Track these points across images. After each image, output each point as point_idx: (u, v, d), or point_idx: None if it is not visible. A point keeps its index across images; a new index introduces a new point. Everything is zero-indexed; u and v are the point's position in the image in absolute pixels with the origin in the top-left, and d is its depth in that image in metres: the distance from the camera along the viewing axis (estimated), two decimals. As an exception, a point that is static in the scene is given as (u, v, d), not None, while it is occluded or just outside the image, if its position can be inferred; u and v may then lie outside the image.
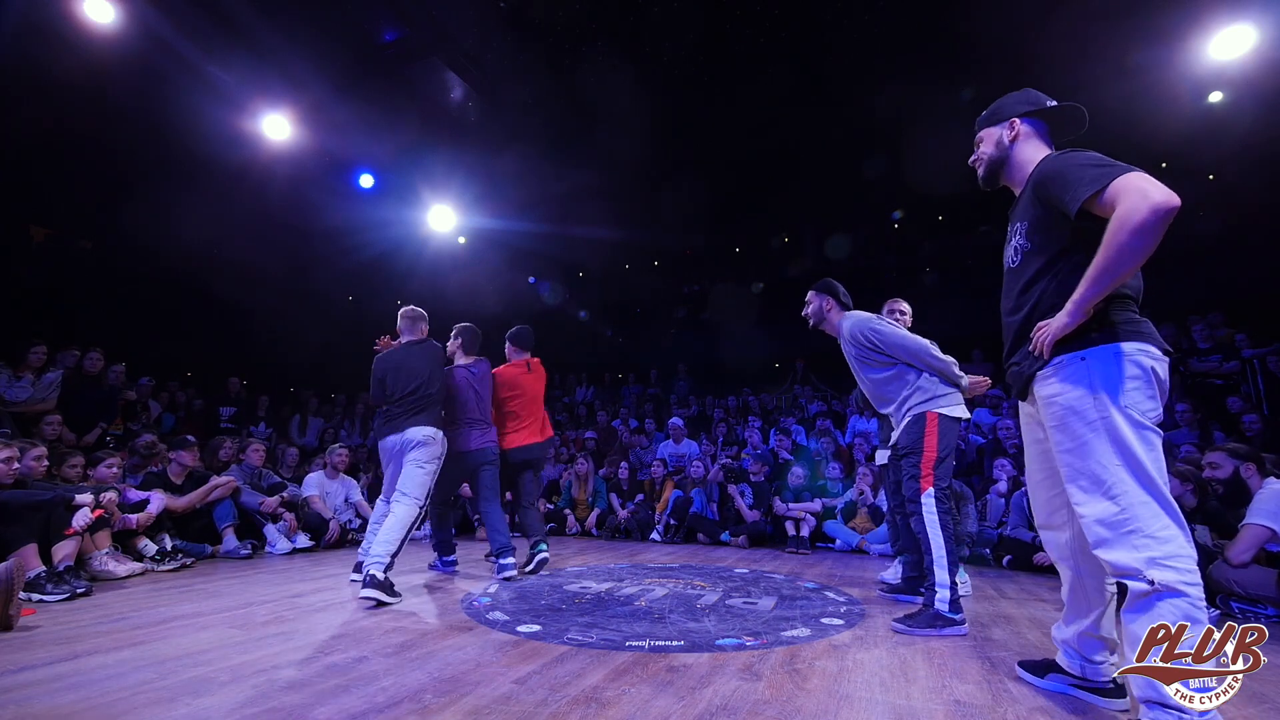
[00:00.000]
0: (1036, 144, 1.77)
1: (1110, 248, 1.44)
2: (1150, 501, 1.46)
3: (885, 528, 5.18)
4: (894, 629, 2.59)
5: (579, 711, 1.66)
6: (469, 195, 8.79)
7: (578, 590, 3.37)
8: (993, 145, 1.82)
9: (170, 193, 7.49)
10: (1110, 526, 1.49)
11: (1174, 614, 1.40)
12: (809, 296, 3.14)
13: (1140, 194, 1.41)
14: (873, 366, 2.94)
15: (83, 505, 3.37)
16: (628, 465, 6.66)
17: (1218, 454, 3.35)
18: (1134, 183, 1.43)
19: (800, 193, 10.66)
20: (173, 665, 2.02)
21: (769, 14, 7.36)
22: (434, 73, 7.57)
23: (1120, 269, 1.45)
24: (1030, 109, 1.79)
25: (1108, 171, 1.48)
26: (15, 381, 4.90)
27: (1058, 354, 1.59)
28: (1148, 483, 1.47)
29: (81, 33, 5.26)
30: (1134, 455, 1.47)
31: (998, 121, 1.82)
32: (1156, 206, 1.39)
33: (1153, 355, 1.53)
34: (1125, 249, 1.42)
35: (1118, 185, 1.44)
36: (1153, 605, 1.42)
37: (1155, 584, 1.41)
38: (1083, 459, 1.54)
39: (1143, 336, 1.54)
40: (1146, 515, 1.45)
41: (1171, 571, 1.41)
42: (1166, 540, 1.43)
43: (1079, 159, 1.57)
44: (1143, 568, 1.43)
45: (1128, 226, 1.41)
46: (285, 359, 9.56)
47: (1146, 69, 6.30)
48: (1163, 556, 1.42)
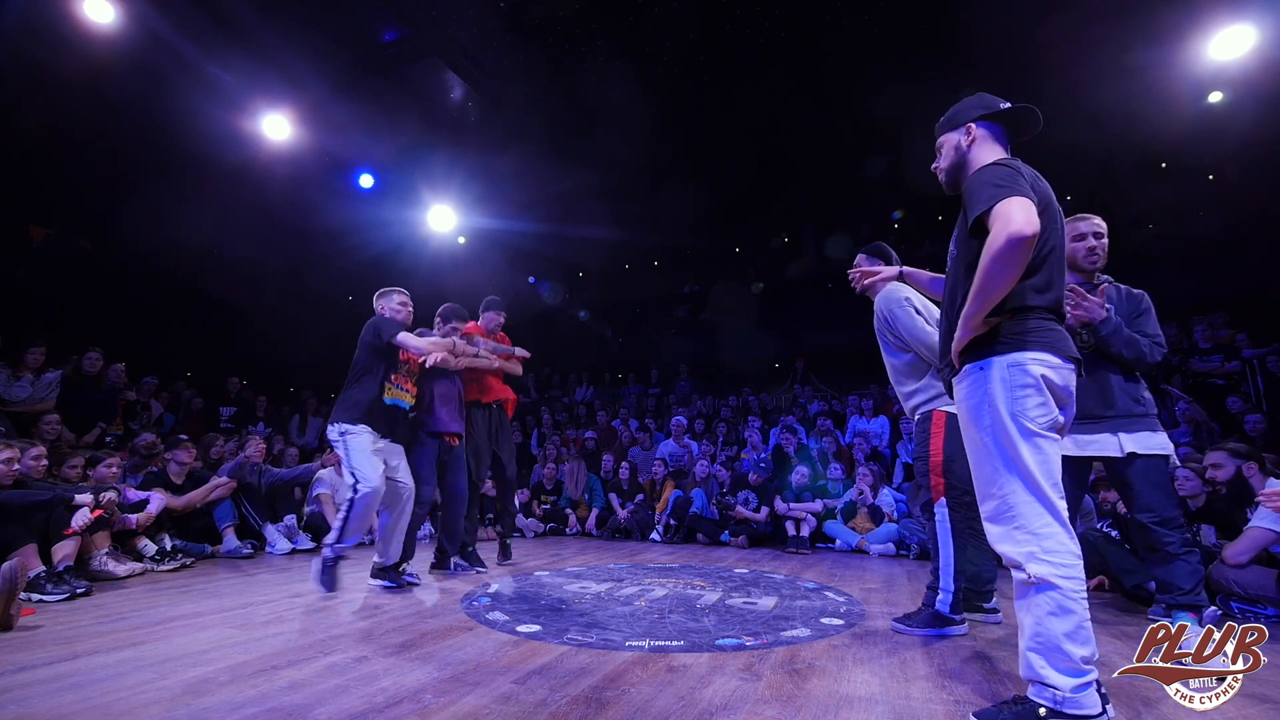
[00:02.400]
0: (991, 147, 1.78)
1: (980, 269, 1.55)
2: (1033, 501, 1.55)
3: (885, 528, 5.19)
4: (894, 628, 2.59)
5: (579, 711, 1.66)
6: (469, 195, 8.78)
7: (578, 590, 3.37)
8: (951, 150, 1.84)
9: (170, 193, 7.50)
10: (998, 522, 1.61)
11: (1048, 604, 1.50)
12: (859, 259, 2.90)
13: (1004, 221, 1.49)
14: (888, 346, 2.78)
15: (82, 505, 3.36)
16: (628, 465, 6.66)
17: (1219, 454, 3.32)
18: (1004, 209, 1.51)
19: (800, 193, 10.67)
20: (173, 665, 2.02)
21: (769, 14, 7.36)
22: (434, 73, 7.57)
23: (989, 289, 1.55)
24: (984, 113, 1.80)
25: (997, 193, 1.54)
26: (14, 381, 4.90)
27: (964, 362, 1.69)
28: (1032, 484, 1.55)
29: (81, 33, 5.26)
30: (1020, 458, 1.56)
31: (955, 127, 1.83)
32: (1010, 235, 1.47)
33: (1046, 363, 1.60)
34: (989, 272, 1.53)
35: (996, 209, 1.52)
36: (1029, 595, 1.54)
37: (1030, 576, 1.53)
38: (979, 461, 1.66)
39: (1042, 345, 1.60)
40: (1030, 514, 1.55)
41: (1047, 565, 1.51)
42: (1046, 536, 1.53)
43: (987, 177, 1.62)
44: (1023, 561, 1.54)
45: (989, 251, 1.52)
46: (285, 359, 9.55)
47: (1146, 69, 6.30)
48: (1040, 551, 1.53)
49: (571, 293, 12.92)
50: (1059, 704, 1.48)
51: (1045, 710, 1.49)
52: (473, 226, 9.45)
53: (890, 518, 5.24)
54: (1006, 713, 1.56)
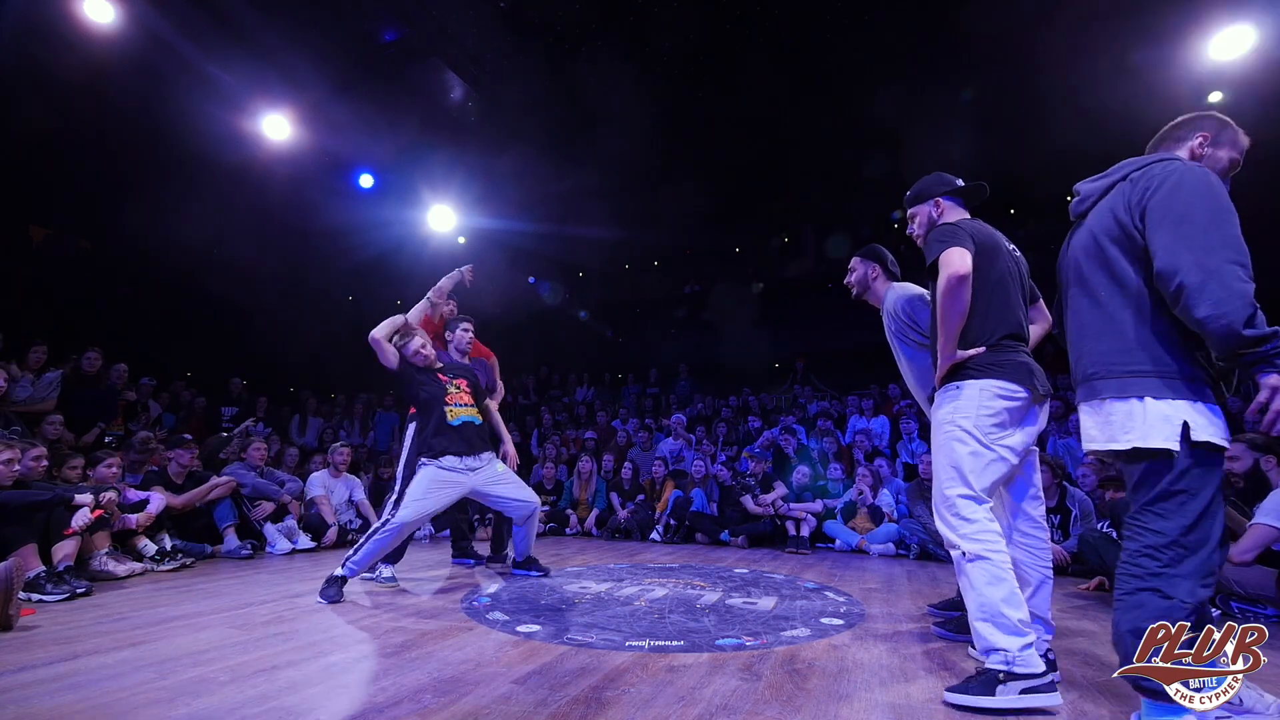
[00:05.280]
0: (957, 214, 2.18)
1: (936, 305, 1.97)
2: (969, 494, 1.90)
3: (885, 528, 5.19)
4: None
5: (579, 711, 1.66)
6: (469, 195, 8.78)
7: (578, 590, 3.37)
8: (925, 220, 2.24)
9: (170, 193, 7.49)
10: (942, 510, 1.96)
11: (984, 575, 1.80)
12: (853, 263, 2.87)
13: (946, 265, 1.90)
14: (910, 346, 2.67)
15: (82, 505, 3.36)
16: (629, 465, 6.65)
17: (1237, 445, 3.18)
18: (945, 257, 1.91)
19: (800, 193, 10.65)
20: (173, 665, 2.02)
21: (769, 14, 7.35)
22: (434, 73, 7.56)
23: (946, 321, 1.93)
24: (946, 189, 2.21)
25: (941, 246, 1.94)
26: (15, 382, 4.90)
27: (944, 383, 2.03)
28: (967, 481, 1.91)
29: (81, 33, 5.26)
30: (962, 460, 1.92)
31: (923, 200, 2.25)
32: (949, 276, 1.88)
33: (1008, 393, 1.92)
34: (941, 307, 1.92)
35: (941, 257, 1.92)
36: (965, 568, 1.86)
37: (965, 552, 1.85)
38: (938, 459, 2.01)
39: (1005, 375, 1.92)
40: (962, 504, 1.90)
41: (977, 543, 1.84)
42: (974, 520, 1.87)
43: (936, 235, 2.02)
44: (959, 541, 1.88)
45: (939, 290, 1.92)
46: (285, 359, 9.55)
47: (1146, 69, 6.30)
48: (971, 532, 1.86)
49: (571, 293, 12.92)
50: (1010, 663, 1.72)
51: (1003, 674, 1.72)
52: (473, 226, 9.45)
53: (890, 518, 5.24)
54: (974, 684, 1.75)
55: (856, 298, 2.89)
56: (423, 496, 3.21)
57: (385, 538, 3.13)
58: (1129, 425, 1.57)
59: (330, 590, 3.04)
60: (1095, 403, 1.66)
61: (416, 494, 3.21)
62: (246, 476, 4.99)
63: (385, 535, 3.13)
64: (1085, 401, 1.71)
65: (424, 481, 3.25)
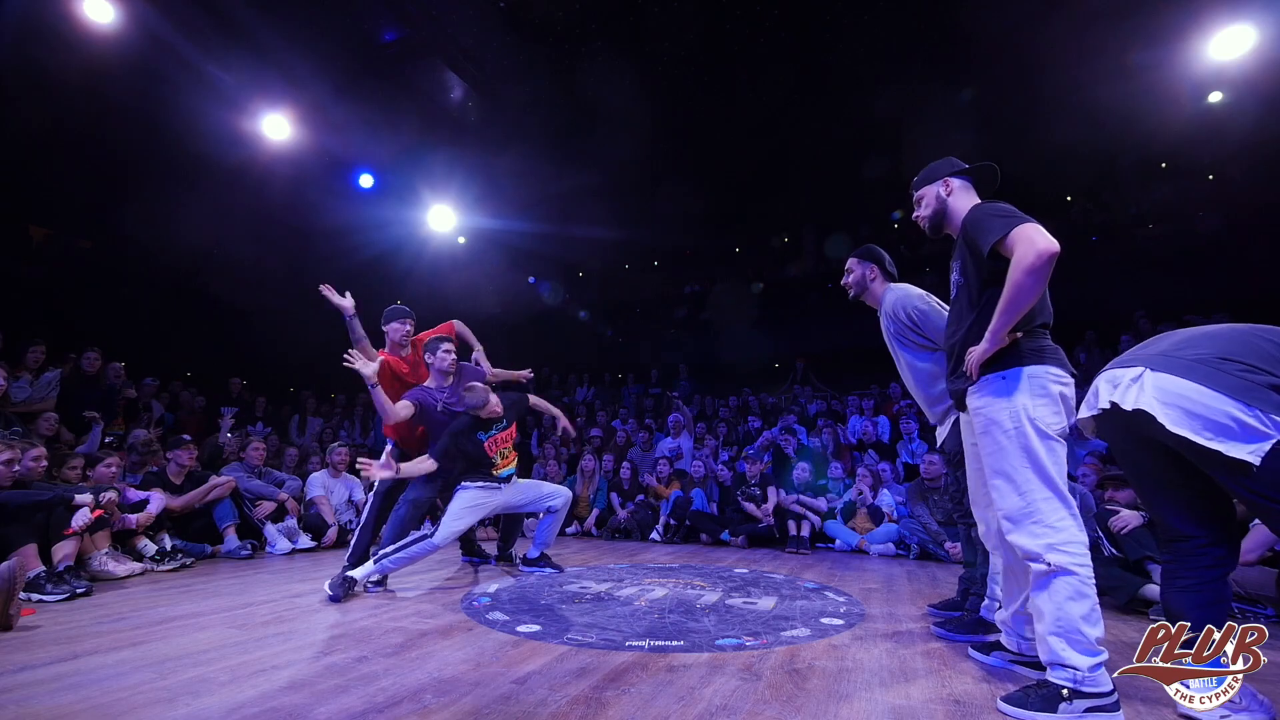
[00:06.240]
0: (968, 195, 2.06)
1: (1010, 285, 1.71)
2: (1051, 498, 1.73)
3: (885, 528, 5.18)
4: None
5: (579, 711, 1.66)
6: (469, 195, 8.79)
7: (578, 590, 3.37)
8: (933, 200, 2.10)
9: (170, 193, 7.50)
10: (1017, 518, 1.77)
11: (1067, 590, 1.67)
12: (850, 264, 2.81)
13: (1029, 242, 1.69)
14: (911, 349, 2.62)
15: (82, 505, 3.36)
16: (629, 465, 6.65)
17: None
18: (1026, 232, 1.70)
19: (800, 193, 10.66)
20: (172, 665, 2.02)
21: (769, 14, 7.36)
22: (434, 73, 7.58)
23: (1020, 302, 1.72)
24: (956, 170, 2.10)
25: (1009, 222, 1.75)
26: (14, 381, 4.89)
27: (984, 374, 1.85)
28: (1049, 482, 1.74)
29: (81, 33, 5.26)
30: (1039, 459, 1.74)
31: (932, 181, 2.11)
32: (1040, 252, 1.66)
33: (1058, 378, 1.80)
34: (1020, 286, 1.69)
35: (1015, 234, 1.71)
36: (1049, 583, 1.70)
37: (1051, 565, 1.69)
38: (999, 461, 1.81)
39: (1052, 361, 1.81)
40: (1047, 509, 1.73)
41: (1065, 555, 1.68)
42: (1061, 529, 1.71)
43: (992, 210, 1.85)
44: (1042, 552, 1.70)
45: (1021, 267, 1.68)
46: (285, 359, 9.55)
47: (1146, 69, 6.30)
48: (1059, 542, 1.70)
49: (571, 293, 12.93)
50: (1079, 683, 1.62)
51: (1068, 690, 1.62)
52: (473, 226, 9.45)
53: (890, 518, 5.23)
54: (1033, 696, 1.66)
55: (854, 299, 2.84)
56: (459, 516, 3.44)
57: (419, 551, 3.29)
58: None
59: (340, 588, 3.09)
60: None
61: (454, 513, 3.43)
62: (246, 479, 4.98)
63: (420, 549, 3.29)
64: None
65: (463, 502, 3.48)
